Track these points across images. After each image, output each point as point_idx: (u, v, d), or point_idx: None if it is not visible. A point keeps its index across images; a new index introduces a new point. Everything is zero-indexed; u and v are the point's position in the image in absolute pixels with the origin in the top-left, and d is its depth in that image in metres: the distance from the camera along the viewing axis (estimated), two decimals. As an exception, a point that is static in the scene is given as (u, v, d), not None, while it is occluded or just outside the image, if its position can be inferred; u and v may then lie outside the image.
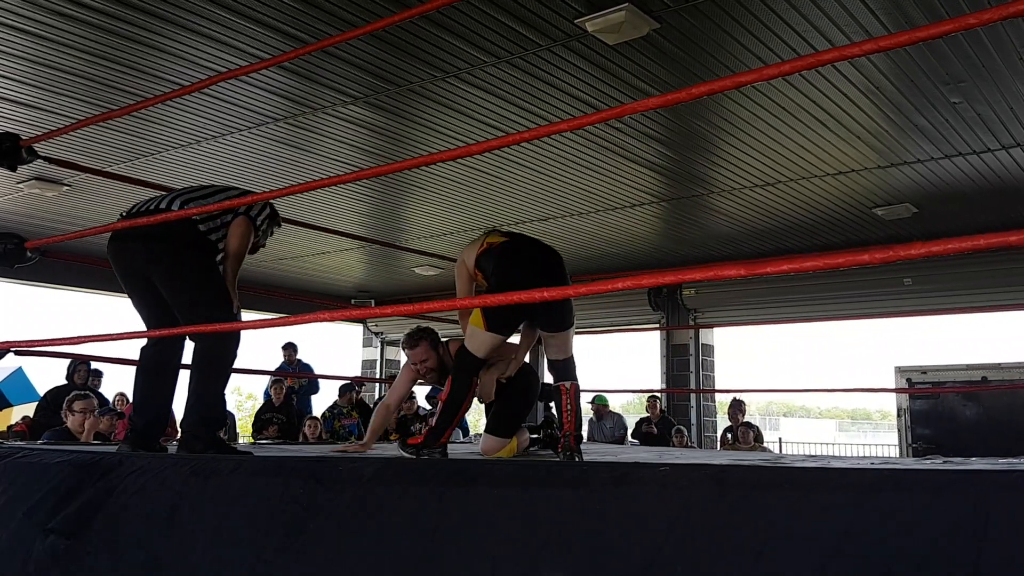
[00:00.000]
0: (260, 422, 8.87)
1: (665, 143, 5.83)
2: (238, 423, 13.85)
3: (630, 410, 21.61)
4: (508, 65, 4.63)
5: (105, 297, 10.72)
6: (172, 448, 3.42)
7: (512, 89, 4.94)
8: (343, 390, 9.18)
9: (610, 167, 6.36)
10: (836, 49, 1.70)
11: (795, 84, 4.77)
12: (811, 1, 3.87)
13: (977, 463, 3.08)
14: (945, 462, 3.36)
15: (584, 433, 9.33)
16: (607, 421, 9.54)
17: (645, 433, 9.12)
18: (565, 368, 3.49)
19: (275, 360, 9.73)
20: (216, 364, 3.20)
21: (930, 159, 5.95)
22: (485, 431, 3.78)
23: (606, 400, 9.67)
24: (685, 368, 10.21)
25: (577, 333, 3.57)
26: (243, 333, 3.53)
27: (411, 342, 3.84)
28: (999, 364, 8.58)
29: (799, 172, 6.30)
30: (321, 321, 2.05)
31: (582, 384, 3.58)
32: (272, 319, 2.12)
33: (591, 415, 9.46)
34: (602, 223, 7.99)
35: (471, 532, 1.77)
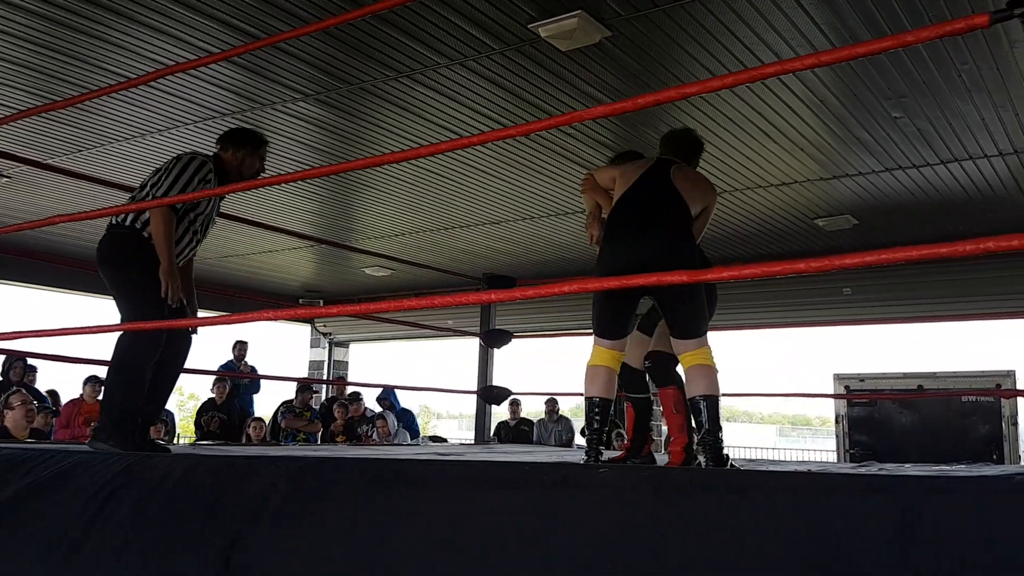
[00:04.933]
0: (199, 420, 8.73)
1: (616, 150, 5.88)
2: (179, 423, 13.59)
3: (579, 414, 21.73)
4: (461, 67, 4.63)
5: (47, 293, 10.42)
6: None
7: (465, 91, 4.95)
8: (301, 390, 9.06)
9: (562, 172, 6.40)
10: (778, 63, 1.75)
11: (742, 96, 4.86)
12: (759, 15, 3.95)
13: (910, 469, 3.18)
14: (880, 468, 3.45)
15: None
16: (556, 424, 9.61)
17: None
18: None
19: (220, 358, 9.57)
20: (123, 363, 3.21)
21: (871, 172, 6.12)
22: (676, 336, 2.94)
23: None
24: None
25: (529, 337, 3.57)
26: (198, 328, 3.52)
27: None
28: (934, 373, 8.85)
29: (744, 182, 6.42)
30: (264, 320, 2.03)
31: (535, 387, 3.56)
32: (213, 317, 2.09)
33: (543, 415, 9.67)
34: (554, 228, 8.03)
35: (413, 534, 1.77)
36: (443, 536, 1.71)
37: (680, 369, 3.11)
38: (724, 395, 3.00)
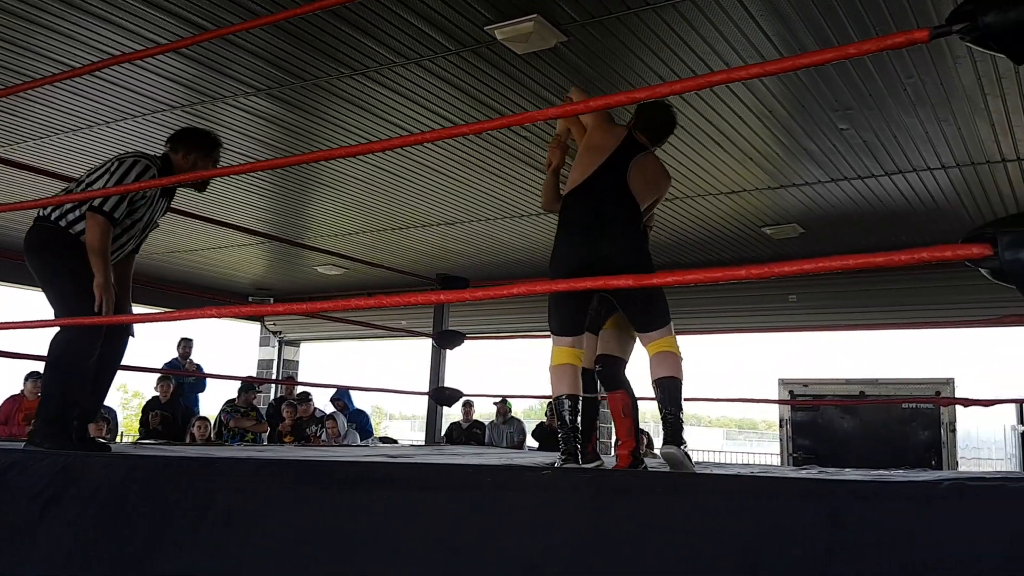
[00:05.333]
0: (145, 418, 8.56)
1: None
2: (122, 421, 13.30)
3: (532, 415, 21.81)
4: (416, 66, 4.62)
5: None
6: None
7: (420, 91, 4.93)
8: (243, 389, 8.92)
9: (517, 175, 6.42)
10: (725, 71, 1.78)
11: (694, 105, 4.93)
12: (711, 25, 4.02)
13: (850, 473, 3.26)
14: (819, 471, 3.53)
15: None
16: (508, 426, 9.63)
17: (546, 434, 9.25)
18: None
19: (166, 356, 9.38)
20: (60, 361, 3.11)
21: (817, 182, 6.25)
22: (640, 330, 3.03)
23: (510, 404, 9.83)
24: (585, 375, 10.41)
25: (482, 338, 3.57)
26: (134, 328, 3.43)
27: None
28: (876, 380, 9.06)
29: (694, 189, 6.51)
30: (207, 317, 2.00)
31: (487, 388, 3.56)
32: (155, 314, 2.05)
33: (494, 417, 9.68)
34: (508, 230, 8.04)
35: (353, 537, 1.76)
36: (384, 539, 1.71)
37: (627, 370, 3.16)
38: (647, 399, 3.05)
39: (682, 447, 2.77)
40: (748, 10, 3.86)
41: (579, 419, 2.92)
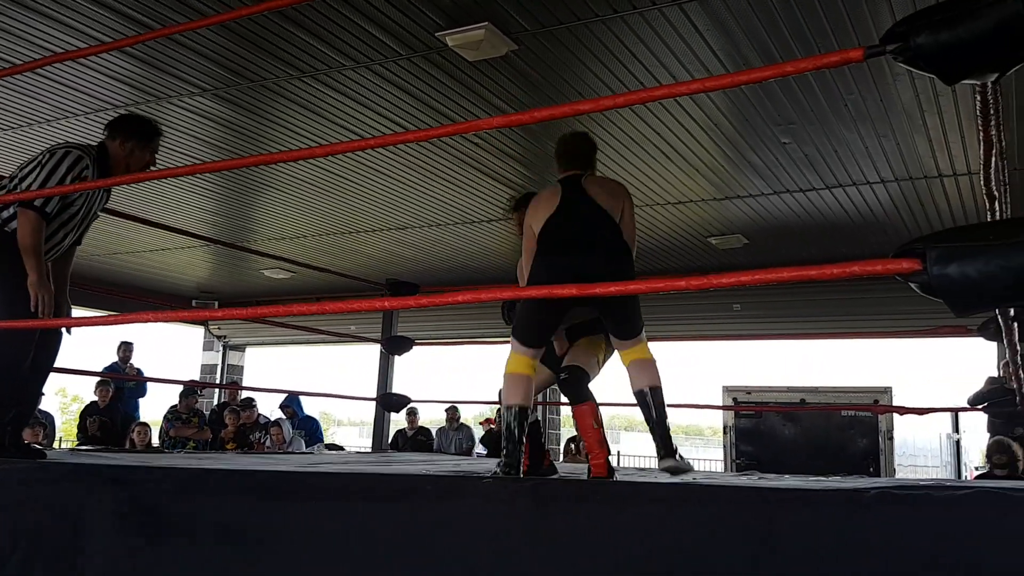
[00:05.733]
0: (83, 423, 8.34)
1: (521, 162, 5.96)
2: (60, 426, 12.92)
3: (481, 421, 21.75)
4: (367, 70, 4.60)
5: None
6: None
7: (370, 94, 4.91)
8: (183, 395, 8.73)
9: (468, 181, 6.42)
10: (666, 86, 1.82)
11: (642, 116, 5.00)
12: (659, 39, 4.08)
13: (787, 480, 3.33)
14: (759, 478, 3.60)
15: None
16: (457, 433, 9.61)
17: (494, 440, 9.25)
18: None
19: (106, 360, 9.14)
20: None
21: (761, 194, 6.38)
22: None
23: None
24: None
25: (430, 344, 3.54)
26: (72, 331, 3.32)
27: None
28: (816, 388, 9.26)
29: (642, 200, 6.59)
30: (145, 322, 1.96)
31: (435, 395, 3.53)
32: (90, 318, 2.00)
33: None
34: (460, 236, 8.04)
35: (295, 545, 1.74)
36: (325, 548, 1.69)
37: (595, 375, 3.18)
38: (621, 405, 3.08)
39: (677, 455, 2.81)
40: (695, 24, 3.94)
41: (525, 431, 2.91)
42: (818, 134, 5.20)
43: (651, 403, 2.90)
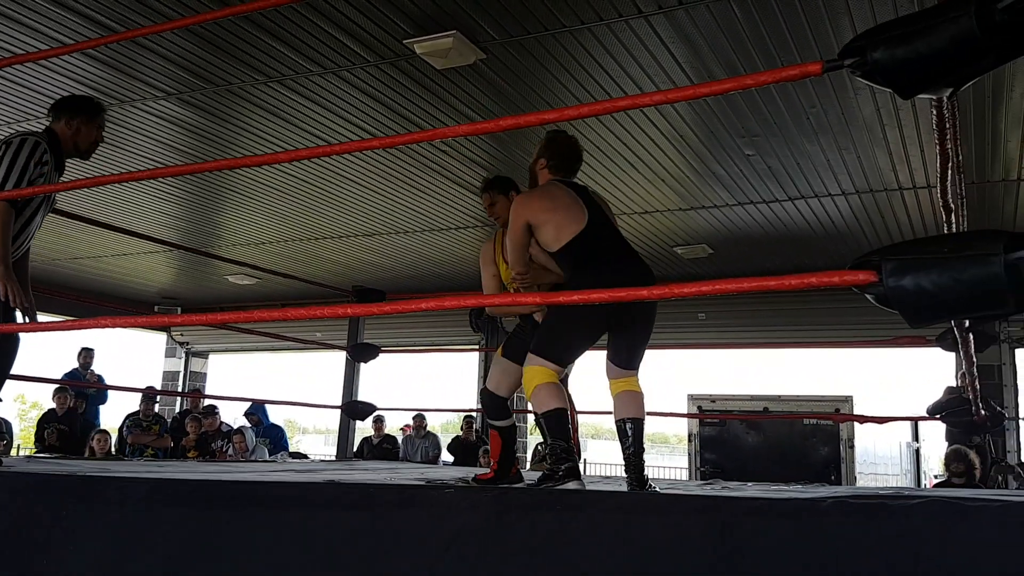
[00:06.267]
0: (41, 430, 8.16)
1: (489, 169, 5.96)
2: (19, 433, 12.65)
3: (448, 429, 21.67)
4: (334, 76, 4.58)
5: None
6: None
7: (338, 100, 4.88)
8: (143, 400, 8.59)
9: (437, 188, 6.41)
10: (630, 97, 1.83)
11: (609, 127, 5.03)
12: (625, 50, 4.11)
13: (749, 489, 3.36)
14: (723, 486, 3.63)
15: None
16: (423, 441, 9.56)
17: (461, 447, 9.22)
18: None
19: (65, 366, 8.98)
20: None
21: (725, 205, 6.46)
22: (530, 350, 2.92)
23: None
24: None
25: (397, 351, 3.51)
26: (28, 336, 3.24)
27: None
28: (779, 396, 9.37)
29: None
30: (103, 327, 1.93)
31: (403, 403, 3.50)
32: (46, 323, 1.96)
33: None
34: (427, 243, 8.02)
35: (252, 554, 1.72)
36: (283, 558, 1.67)
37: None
38: (586, 412, 3.06)
39: (649, 485, 2.80)
40: (660, 37, 3.98)
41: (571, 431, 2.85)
42: (781, 146, 5.27)
43: (635, 434, 2.84)
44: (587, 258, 2.88)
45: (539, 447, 8.92)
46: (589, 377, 3.04)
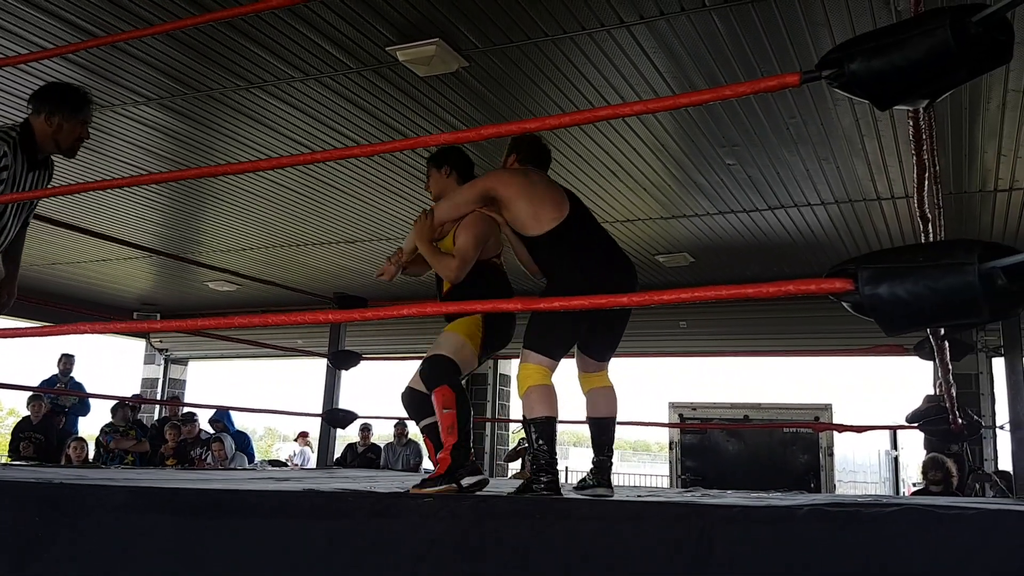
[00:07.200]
0: (16, 440, 8.06)
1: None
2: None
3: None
4: (316, 83, 4.57)
5: None
6: None
7: (320, 107, 4.88)
8: (116, 408, 8.51)
9: (418, 195, 6.40)
10: (611, 107, 1.84)
11: (590, 135, 5.05)
12: (607, 60, 4.14)
13: (729, 496, 3.37)
14: (703, 494, 3.63)
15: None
16: (405, 448, 9.53)
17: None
18: None
19: (45, 372, 8.84)
20: None
21: (706, 214, 6.50)
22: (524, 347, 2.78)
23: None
24: (483, 397, 10.47)
25: (379, 359, 3.42)
26: (4, 342, 3.21)
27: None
28: (759, 404, 9.42)
29: (593, 216, 6.65)
30: (80, 333, 1.91)
31: (385, 410, 3.36)
32: (22, 329, 1.94)
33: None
34: (407, 250, 7.99)
35: (231, 563, 1.70)
36: (260, 566, 1.66)
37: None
38: (567, 421, 3.03)
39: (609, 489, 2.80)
40: (642, 47, 4.00)
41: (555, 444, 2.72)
42: (761, 156, 5.31)
43: (607, 431, 2.85)
44: (574, 247, 2.81)
45: (521, 442, 8.91)
46: (572, 384, 3.01)
